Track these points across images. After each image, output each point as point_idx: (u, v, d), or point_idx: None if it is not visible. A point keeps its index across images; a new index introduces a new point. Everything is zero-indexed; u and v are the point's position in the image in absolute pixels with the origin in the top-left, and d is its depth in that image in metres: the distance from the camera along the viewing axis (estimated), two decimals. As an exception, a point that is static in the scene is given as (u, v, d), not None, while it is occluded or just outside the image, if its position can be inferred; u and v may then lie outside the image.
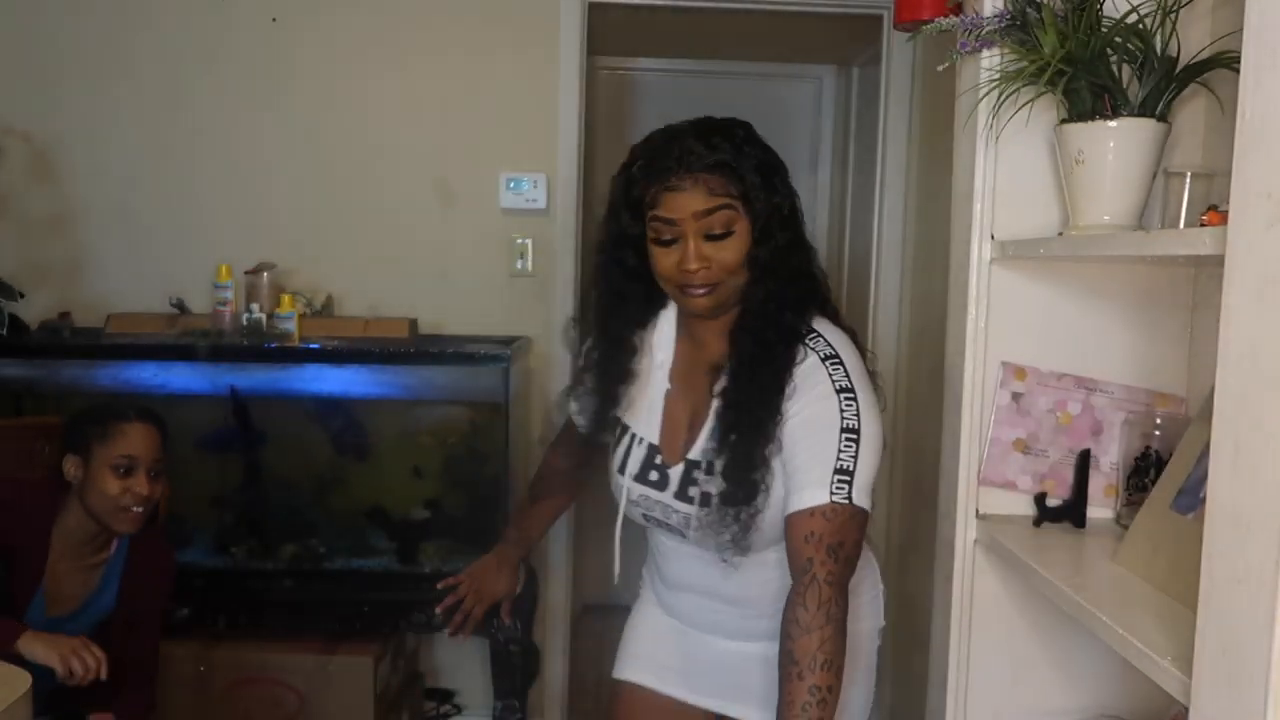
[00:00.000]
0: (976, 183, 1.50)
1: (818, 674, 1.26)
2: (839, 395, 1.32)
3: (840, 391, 1.32)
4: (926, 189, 2.79)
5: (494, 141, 2.84)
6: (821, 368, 1.34)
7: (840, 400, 1.32)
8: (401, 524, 2.62)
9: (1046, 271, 1.50)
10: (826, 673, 1.26)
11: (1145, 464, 1.46)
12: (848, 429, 1.31)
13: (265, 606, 2.48)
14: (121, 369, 2.62)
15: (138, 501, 1.94)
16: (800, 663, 1.27)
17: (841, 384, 1.33)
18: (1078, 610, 1.19)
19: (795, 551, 1.31)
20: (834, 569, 1.29)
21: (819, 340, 1.37)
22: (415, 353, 2.52)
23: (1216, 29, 1.36)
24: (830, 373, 1.34)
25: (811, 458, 1.31)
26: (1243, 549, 0.85)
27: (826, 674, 1.26)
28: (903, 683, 2.92)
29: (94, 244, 2.84)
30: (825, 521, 1.29)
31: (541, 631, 2.95)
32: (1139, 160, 1.29)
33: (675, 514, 1.46)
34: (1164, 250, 1.19)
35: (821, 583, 1.28)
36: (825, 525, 1.29)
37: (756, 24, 3.31)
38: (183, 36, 2.79)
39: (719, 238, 1.32)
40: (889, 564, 3.03)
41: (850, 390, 1.33)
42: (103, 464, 1.92)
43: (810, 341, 1.36)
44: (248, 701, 2.42)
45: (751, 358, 1.35)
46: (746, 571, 1.45)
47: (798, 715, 1.25)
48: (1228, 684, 0.87)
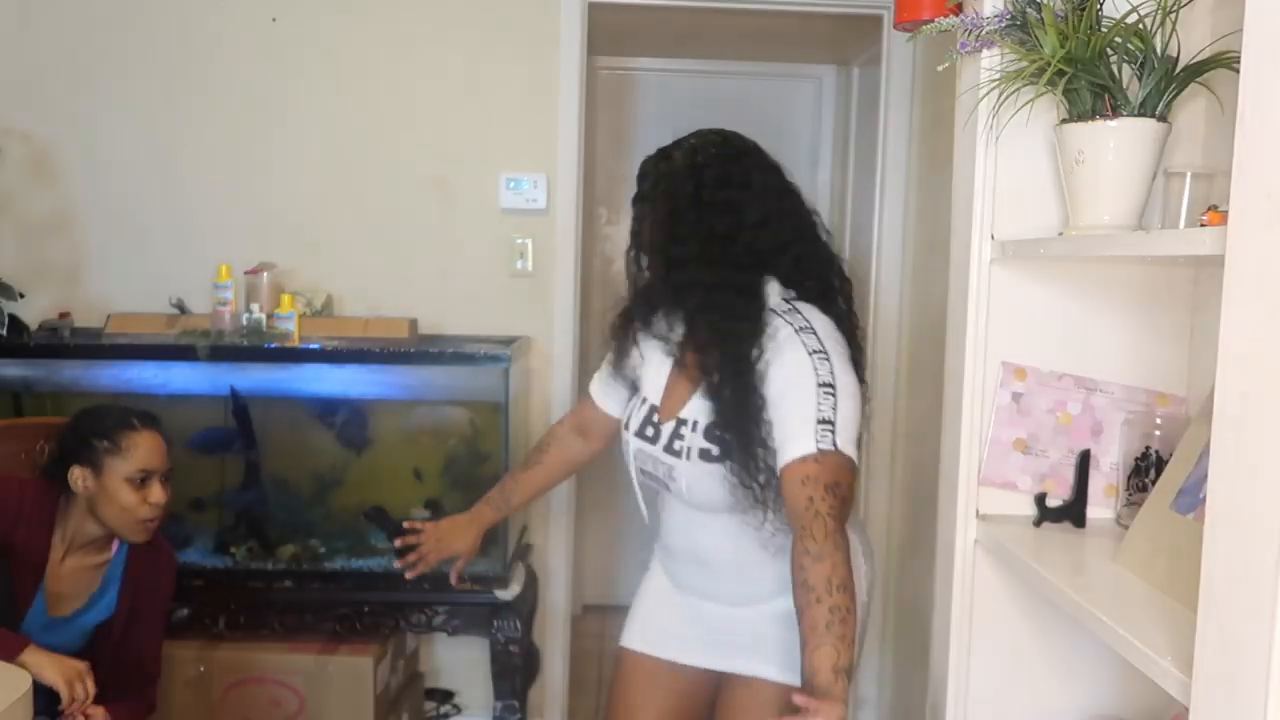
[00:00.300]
0: (976, 183, 1.50)
1: (834, 596, 1.36)
2: (812, 356, 1.47)
3: (813, 353, 1.47)
4: (926, 189, 2.79)
5: (494, 141, 2.84)
6: (796, 336, 1.49)
7: (814, 360, 1.47)
8: (401, 524, 2.61)
9: (1046, 271, 1.50)
10: (843, 594, 1.37)
11: (1145, 464, 1.46)
12: (823, 383, 1.45)
13: (265, 606, 2.48)
14: (121, 369, 2.62)
15: (156, 513, 1.95)
16: (817, 588, 1.37)
17: (814, 348, 1.48)
18: (1078, 610, 1.19)
19: (794, 495, 1.43)
20: (834, 504, 1.41)
21: (796, 316, 1.52)
22: (415, 353, 2.52)
23: (1216, 29, 1.36)
24: (804, 340, 1.49)
25: (795, 413, 1.45)
26: (1243, 549, 0.85)
27: (843, 595, 1.37)
28: (903, 682, 2.92)
29: (94, 244, 2.84)
30: (817, 465, 1.41)
31: (541, 631, 2.95)
32: (1139, 160, 1.29)
33: (662, 465, 1.61)
34: (1164, 250, 1.19)
35: (825, 516, 1.40)
36: (818, 468, 1.41)
37: (756, 24, 3.31)
38: (183, 37, 2.79)
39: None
40: (889, 564, 3.03)
41: (823, 351, 1.48)
42: (118, 478, 1.91)
43: (787, 316, 1.52)
44: (248, 701, 2.42)
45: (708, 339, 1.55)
46: (725, 536, 1.60)
47: (823, 634, 1.34)
48: (1228, 684, 0.87)
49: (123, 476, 1.91)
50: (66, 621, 1.97)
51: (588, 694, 3.31)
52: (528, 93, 2.83)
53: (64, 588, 1.96)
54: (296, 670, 2.42)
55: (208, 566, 2.53)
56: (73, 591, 1.98)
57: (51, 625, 1.95)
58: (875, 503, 3.01)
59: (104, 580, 2.02)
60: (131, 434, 1.94)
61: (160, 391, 2.62)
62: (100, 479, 1.92)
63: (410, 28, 2.81)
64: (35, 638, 1.81)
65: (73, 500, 1.95)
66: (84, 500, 1.93)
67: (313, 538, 2.62)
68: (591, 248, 3.87)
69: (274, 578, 2.52)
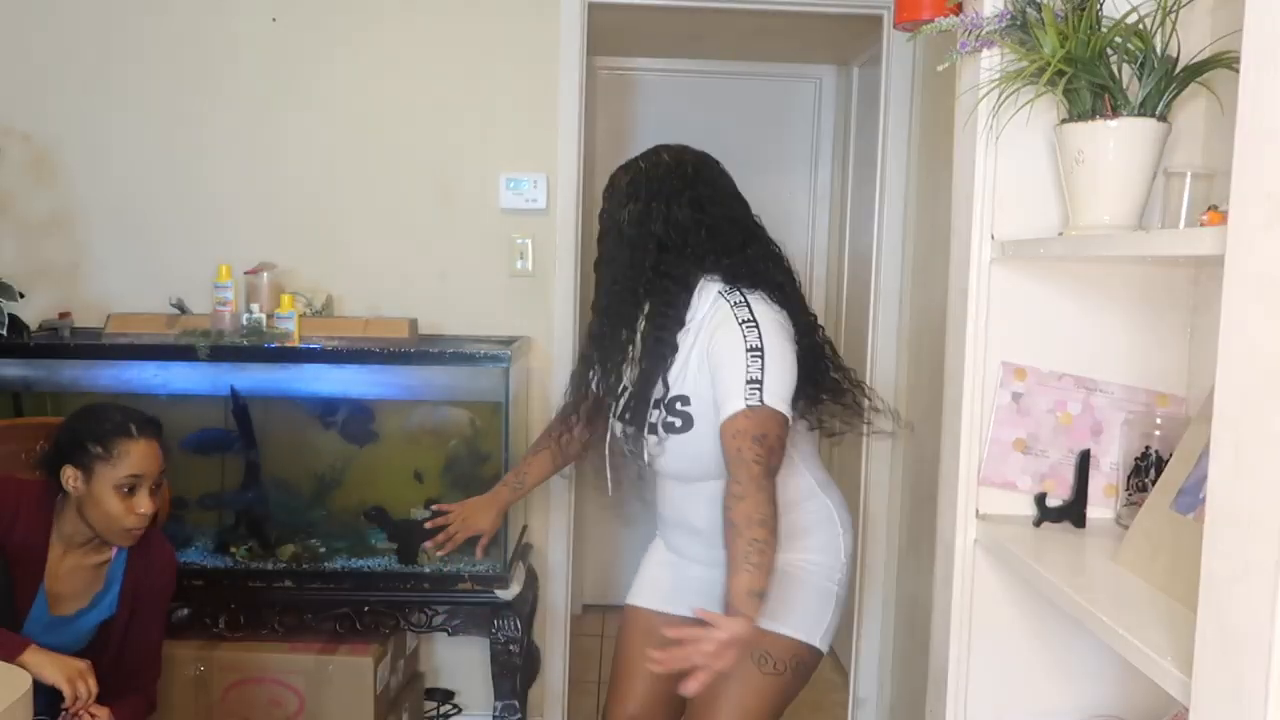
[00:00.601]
0: (976, 183, 1.50)
1: (754, 529, 1.56)
2: (741, 326, 1.66)
3: (742, 323, 1.67)
4: (926, 189, 2.79)
5: (494, 141, 2.84)
6: (730, 311, 1.69)
7: (743, 329, 1.66)
8: (401, 524, 2.62)
9: (1046, 271, 1.50)
10: (761, 529, 1.56)
11: (1145, 464, 1.46)
12: (752, 348, 1.64)
13: (265, 606, 2.48)
14: (121, 369, 2.62)
15: (140, 522, 1.93)
16: (738, 524, 1.57)
17: (744, 318, 1.67)
18: (1078, 610, 1.19)
19: (727, 447, 1.62)
20: (760, 452, 1.59)
21: (735, 294, 1.72)
22: (415, 353, 2.52)
23: (1216, 29, 1.36)
24: (736, 314, 1.68)
25: (729, 377, 1.64)
26: (1243, 549, 0.85)
27: (761, 530, 1.56)
28: (903, 683, 2.92)
29: (94, 244, 2.84)
30: (746, 420, 1.61)
31: (541, 631, 2.95)
32: (1139, 160, 1.29)
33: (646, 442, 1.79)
34: (1164, 250, 1.20)
35: (749, 462, 1.59)
36: (746, 423, 1.61)
37: (756, 24, 3.31)
38: (183, 37, 2.79)
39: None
40: (889, 564, 3.03)
41: (752, 321, 1.67)
42: (106, 483, 1.90)
43: (728, 297, 1.72)
44: (248, 701, 2.42)
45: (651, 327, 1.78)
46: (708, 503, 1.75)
47: (741, 563, 1.55)
48: (1228, 684, 0.87)
49: (111, 484, 1.90)
50: (69, 621, 1.98)
51: (588, 694, 3.31)
52: (528, 93, 2.83)
53: (65, 587, 1.97)
54: (296, 670, 2.42)
55: (208, 566, 2.53)
56: (74, 591, 1.98)
57: (54, 625, 1.95)
58: (875, 502, 3.01)
59: (106, 579, 2.02)
60: (126, 442, 1.92)
61: (160, 391, 2.62)
62: (89, 483, 1.91)
63: (410, 28, 2.81)
64: (38, 638, 1.81)
65: (67, 500, 1.95)
66: (75, 503, 1.93)
67: (313, 538, 2.62)
68: (591, 248, 3.86)
69: (274, 578, 2.52)
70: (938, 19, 1.48)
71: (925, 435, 2.68)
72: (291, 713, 2.42)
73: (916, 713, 2.67)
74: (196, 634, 2.46)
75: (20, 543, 1.91)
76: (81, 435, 1.93)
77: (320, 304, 2.76)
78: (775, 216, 3.79)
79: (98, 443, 1.91)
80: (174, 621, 2.43)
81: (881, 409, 2.03)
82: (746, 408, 1.60)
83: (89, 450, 1.91)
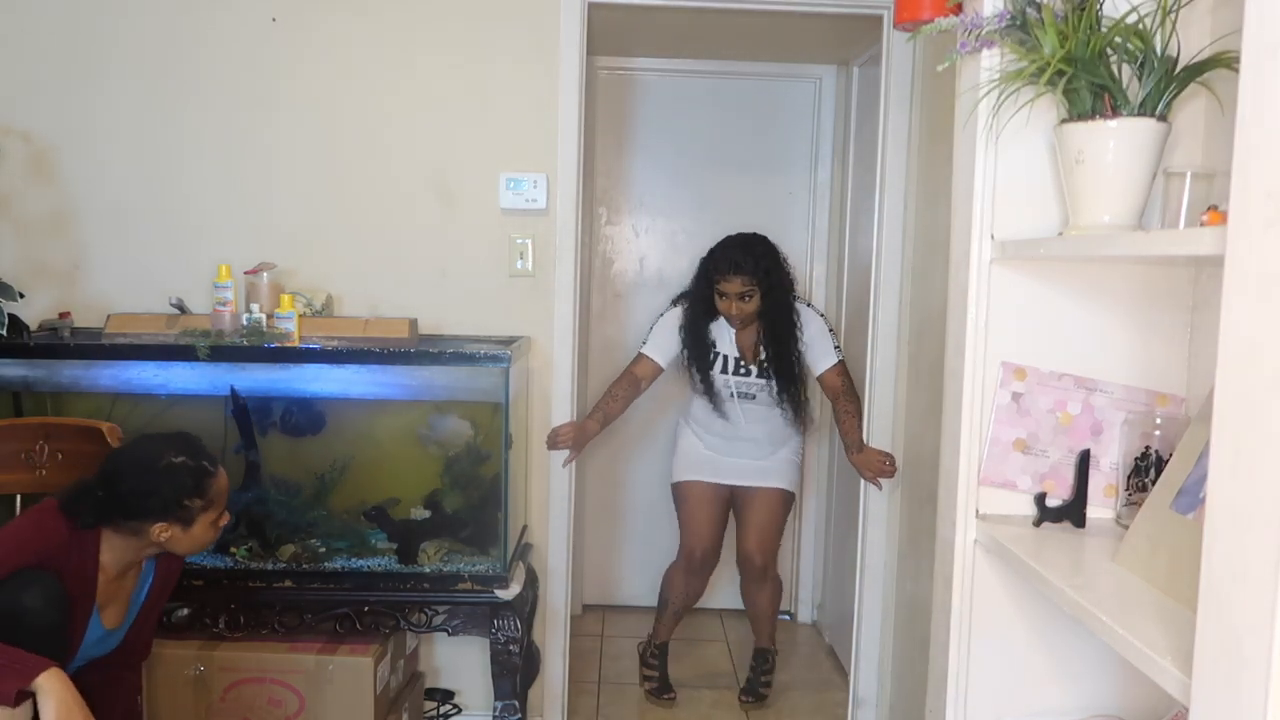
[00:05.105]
0: (976, 183, 1.50)
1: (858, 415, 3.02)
2: (822, 319, 3.10)
3: (822, 317, 3.11)
4: (926, 189, 2.79)
5: (494, 141, 2.84)
6: (816, 316, 3.08)
7: (825, 322, 3.10)
8: (401, 524, 2.62)
9: (1046, 271, 1.50)
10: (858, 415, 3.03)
11: (1145, 464, 1.47)
12: (831, 330, 3.10)
13: (265, 606, 2.48)
14: (121, 369, 2.62)
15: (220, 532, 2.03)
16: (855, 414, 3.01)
17: (822, 316, 3.12)
18: (1078, 610, 1.19)
19: (831, 383, 3.04)
20: (850, 381, 3.07)
21: (810, 309, 3.08)
22: (415, 353, 2.52)
23: (1216, 29, 1.36)
24: (819, 314, 3.11)
25: (822, 346, 3.04)
26: (1243, 549, 0.85)
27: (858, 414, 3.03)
28: (903, 682, 2.92)
29: (94, 244, 2.84)
30: (841, 365, 3.05)
31: (541, 631, 2.96)
32: (1139, 160, 1.29)
33: (755, 385, 3.08)
34: (1164, 250, 1.20)
35: (854, 389, 3.06)
36: (842, 368, 3.05)
37: (756, 24, 3.31)
38: (183, 36, 2.79)
39: (743, 298, 2.98)
40: (889, 564, 3.03)
41: (826, 318, 3.12)
42: (205, 522, 1.97)
43: (810, 308, 3.09)
44: (247, 701, 2.42)
45: (773, 322, 3.03)
46: (772, 421, 3.13)
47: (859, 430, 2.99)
48: (1228, 684, 0.88)
49: (210, 521, 1.97)
50: (117, 630, 2.03)
51: (588, 694, 3.31)
52: (528, 92, 2.83)
53: (112, 602, 2.00)
54: (296, 670, 2.42)
55: (208, 566, 2.53)
56: (119, 600, 2.02)
57: (105, 636, 2.00)
58: (875, 502, 3.01)
59: (139, 582, 2.06)
60: (214, 481, 1.97)
61: (160, 391, 2.62)
62: (189, 529, 1.95)
63: (410, 28, 2.81)
64: (91, 649, 1.91)
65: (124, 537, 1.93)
66: (154, 542, 1.94)
67: (313, 538, 2.62)
68: (591, 248, 3.87)
69: (274, 578, 2.52)
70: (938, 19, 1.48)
71: (925, 435, 2.68)
72: (291, 713, 2.42)
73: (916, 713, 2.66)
74: (196, 634, 2.46)
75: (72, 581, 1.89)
76: (177, 493, 1.92)
77: (320, 304, 2.76)
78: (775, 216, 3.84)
79: (197, 496, 1.94)
80: (174, 621, 2.43)
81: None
82: (840, 361, 3.05)
83: (189, 506, 1.93)
